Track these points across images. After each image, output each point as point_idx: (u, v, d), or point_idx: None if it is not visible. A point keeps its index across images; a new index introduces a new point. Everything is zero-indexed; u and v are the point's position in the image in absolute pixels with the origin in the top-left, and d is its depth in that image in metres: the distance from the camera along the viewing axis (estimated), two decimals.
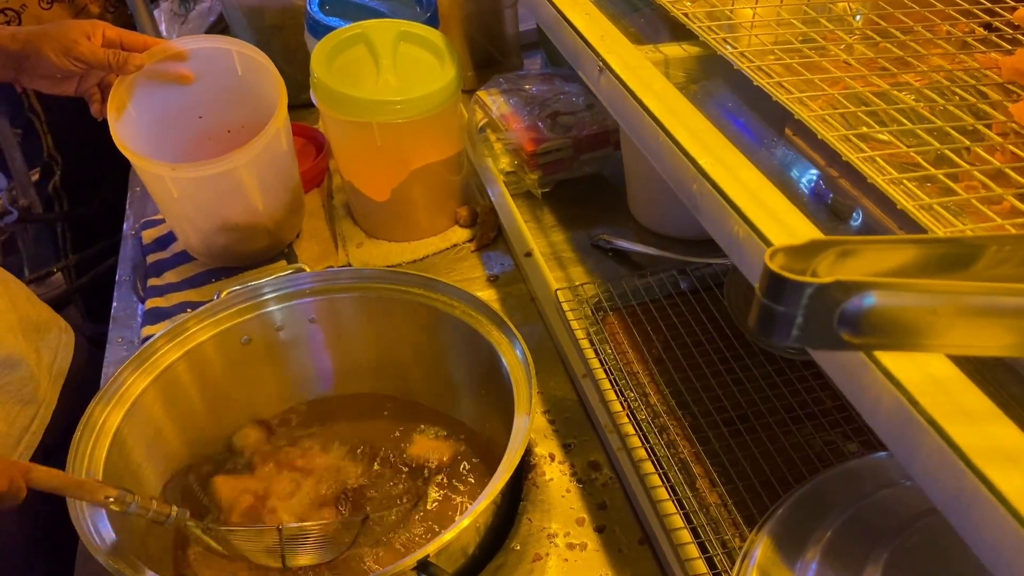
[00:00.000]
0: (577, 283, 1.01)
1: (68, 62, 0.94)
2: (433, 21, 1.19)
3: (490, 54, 1.42)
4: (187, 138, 1.10)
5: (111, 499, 0.70)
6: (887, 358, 0.34)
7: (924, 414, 0.32)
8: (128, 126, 1.00)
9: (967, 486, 0.30)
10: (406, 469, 0.87)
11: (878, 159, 0.41)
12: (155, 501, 0.74)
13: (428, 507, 0.84)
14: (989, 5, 0.57)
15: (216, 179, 1.00)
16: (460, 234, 1.15)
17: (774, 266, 0.27)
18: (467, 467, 0.87)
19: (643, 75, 0.54)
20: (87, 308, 1.75)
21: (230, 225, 1.06)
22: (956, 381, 0.33)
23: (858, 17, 0.59)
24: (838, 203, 0.50)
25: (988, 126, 0.46)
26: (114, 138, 0.97)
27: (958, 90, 0.49)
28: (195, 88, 1.06)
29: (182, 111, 1.08)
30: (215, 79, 1.06)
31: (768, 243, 0.40)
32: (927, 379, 0.33)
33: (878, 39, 0.54)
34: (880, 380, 0.34)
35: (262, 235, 1.09)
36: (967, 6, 0.57)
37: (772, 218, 0.41)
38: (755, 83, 0.48)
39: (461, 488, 0.86)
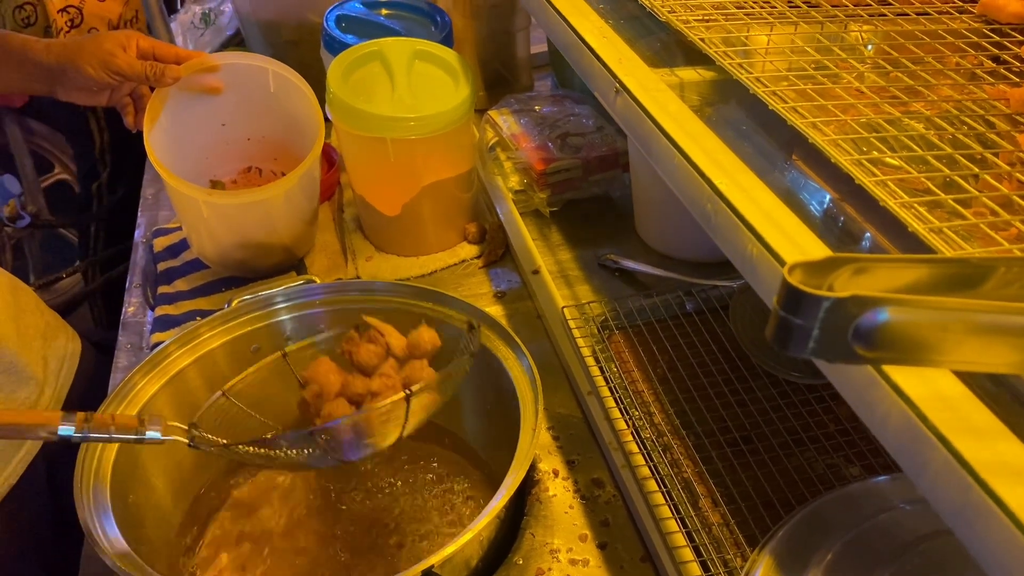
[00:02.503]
0: (583, 301, 1.02)
1: (106, 75, 0.95)
2: (448, 41, 1.21)
3: (501, 74, 1.44)
4: (206, 142, 1.11)
5: (54, 433, 0.64)
6: (897, 374, 0.35)
7: (933, 429, 0.33)
8: (158, 136, 1.01)
9: (974, 500, 0.31)
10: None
11: (890, 183, 0.43)
12: (115, 416, 0.68)
13: (432, 518, 0.85)
14: (998, 39, 0.59)
15: (249, 206, 1.03)
16: (468, 250, 1.17)
17: (793, 280, 0.28)
18: (471, 481, 0.88)
19: (659, 98, 0.55)
20: (100, 313, 1.76)
21: (251, 243, 1.08)
22: (964, 398, 0.34)
23: (870, 47, 0.60)
24: (848, 226, 0.51)
25: (996, 155, 0.47)
26: (150, 155, 0.99)
27: (967, 119, 0.51)
28: (222, 97, 1.08)
29: (205, 117, 1.09)
30: (245, 92, 1.08)
31: (782, 262, 0.41)
32: (935, 395, 0.34)
33: (889, 68, 0.56)
34: (890, 396, 0.35)
35: (279, 251, 1.11)
36: (976, 39, 0.59)
37: (785, 238, 0.42)
38: (770, 108, 0.50)
39: (465, 501, 0.86)
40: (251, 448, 0.71)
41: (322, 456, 0.72)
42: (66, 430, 0.65)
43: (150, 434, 0.68)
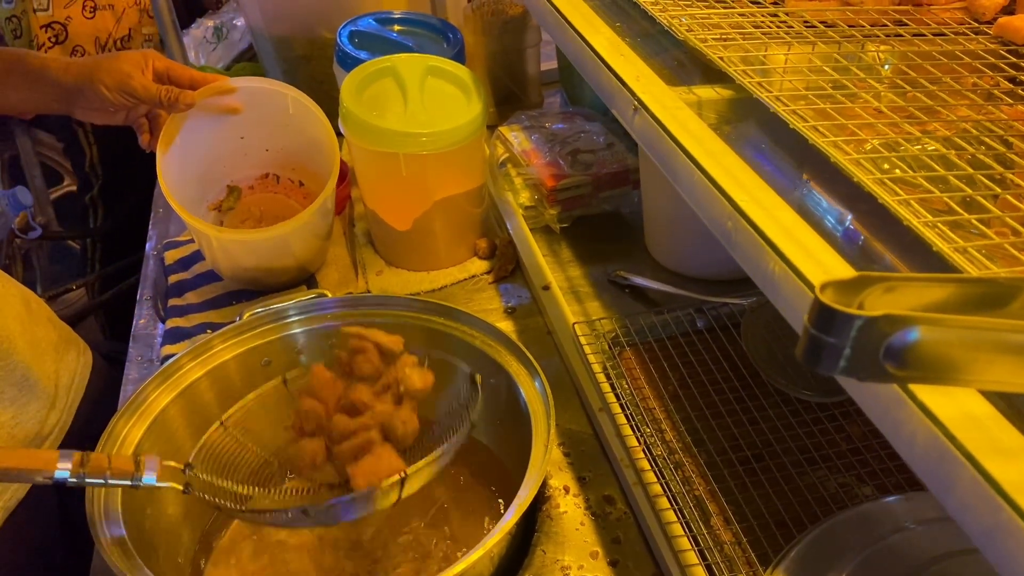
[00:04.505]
0: (594, 318, 1.02)
1: (120, 97, 0.96)
2: (459, 57, 1.22)
3: (512, 91, 1.45)
4: (223, 151, 1.12)
5: (50, 477, 0.63)
6: (923, 394, 0.35)
7: (961, 449, 0.33)
8: (171, 157, 1.02)
9: (1003, 519, 0.31)
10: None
11: (912, 203, 0.43)
12: (111, 459, 0.66)
13: (443, 535, 0.84)
14: (1015, 60, 0.59)
15: (261, 241, 1.04)
16: (478, 265, 1.17)
17: (825, 299, 0.28)
18: (483, 496, 0.88)
19: (678, 115, 0.55)
20: (106, 324, 1.77)
21: (266, 267, 1.09)
22: (991, 418, 0.34)
23: (887, 67, 0.61)
24: (866, 244, 0.51)
25: (1015, 174, 0.47)
26: (161, 183, 0.99)
27: (986, 139, 0.51)
28: (241, 115, 1.09)
29: (223, 131, 1.10)
30: (264, 111, 1.09)
31: (805, 280, 0.41)
32: (963, 415, 0.34)
33: (907, 88, 0.56)
34: (917, 416, 0.35)
35: (293, 271, 1.12)
36: (993, 60, 0.59)
37: (807, 256, 0.43)
38: (791, 127, 0.50)
39: (476, 518, 0.86)
40: (244, 510, 0.71)
41: (315, 520, 0.70)
42: (62, 474, 0.64)
43: (146, 479, 0.67)
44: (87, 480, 0.65)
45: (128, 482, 0.67)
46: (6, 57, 0.98)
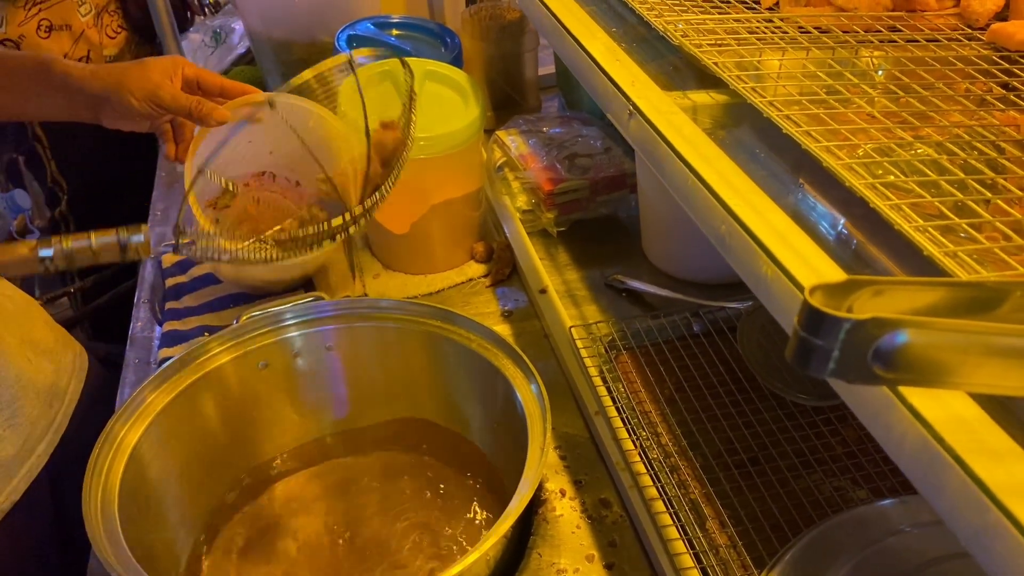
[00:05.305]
0: (591, 321, 1.03)
1: (149, 107, 0.94)
2: (457, 62, 1.22)
3: (510, 96, 1.45)
4: (227, 153, 1.11)
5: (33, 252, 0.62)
6: (913, 396, 0.35)
7: (950, 451, 0.33)
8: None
9: (992, 522, 0.31)
10: None
11: (904, 207, 0.43)
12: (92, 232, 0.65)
13: (439, 538, 0.85)
14: (1007, 66, 0.59)
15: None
16: (476, 269, 1.17)
17: (814, 301, 0.29)
18: (478, 499, 0.88)
19: (674, 120, 0.56)
20: (94, 329, 1.75)
21: (271, 280, 1.10)
22: (980, 420, 0.34)
23: (880, 72, 0.61)
24: (859, 249, 0.51)
25: (1007, 180, 0.48)
26: (192, 204, 0.98)
27: (978, 145, 0.51)
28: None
29: (234, 136, 1.09)
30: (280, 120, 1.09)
31: (797, 284, 0.42)
32: (952, 417, 0.34)
33: (900, 94, 0.56)
34: (906, 418, 0.35)
35: (296, 280, 1.13)
36: (985, 66, 0.60)
37: (800, 260, 0.43)
38: (784, 131, 0.50)
39: (472, 521, 0.86)
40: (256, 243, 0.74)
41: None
42: (46, 251, 0.64)
43: (134, 238, 0.68)
44: (74, 250, 0.64)
45: (114, 239, 0.67)
46: (33, 63, 0.96)
